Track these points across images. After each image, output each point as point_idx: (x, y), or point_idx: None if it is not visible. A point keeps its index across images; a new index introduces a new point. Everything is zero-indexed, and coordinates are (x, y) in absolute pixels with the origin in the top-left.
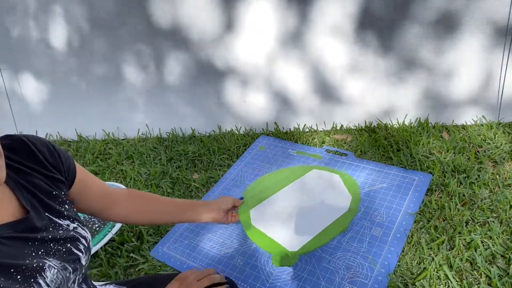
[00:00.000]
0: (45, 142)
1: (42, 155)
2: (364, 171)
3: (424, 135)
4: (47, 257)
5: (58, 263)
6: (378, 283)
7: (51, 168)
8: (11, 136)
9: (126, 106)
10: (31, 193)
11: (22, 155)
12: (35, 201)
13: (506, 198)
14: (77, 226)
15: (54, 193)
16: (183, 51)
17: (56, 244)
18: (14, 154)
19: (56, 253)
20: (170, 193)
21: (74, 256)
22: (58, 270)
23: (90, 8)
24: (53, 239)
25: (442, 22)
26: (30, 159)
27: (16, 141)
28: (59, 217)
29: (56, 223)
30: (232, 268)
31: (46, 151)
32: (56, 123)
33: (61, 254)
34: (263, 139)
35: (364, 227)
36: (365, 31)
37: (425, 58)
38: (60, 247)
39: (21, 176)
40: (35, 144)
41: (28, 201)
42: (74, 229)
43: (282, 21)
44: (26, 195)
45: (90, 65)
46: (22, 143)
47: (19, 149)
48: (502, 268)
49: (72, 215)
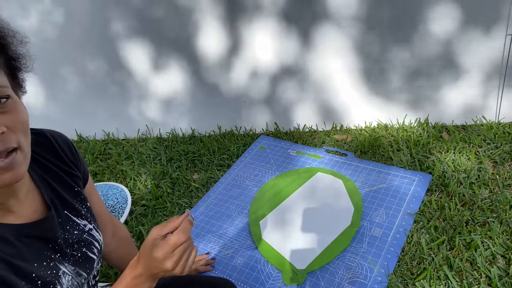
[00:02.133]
0: (66, 138)
1: (63, 152)
2: (364, 171)
3: (424, 135)
4: (62, 260)
5: (72, 269)
6: (378, 283)
7: (71, 165)
8: (34, 130)
9: (126, 106)
10: (53, 189)
11: (46, 150)
12: (55, 197)
13: (506, 198)
14: (93, 228)
15: (76, 189)
16: (185, 52)
17: (71, 249)
18: (40, 149)
19: (71, 258)
20: (170, 193)
21: (89, 260)
22: (72, 276)
23: (92, 7)
24: (69, 242)
25: (442, 24)
26: (53, 155)
27: (40, 136)
28: (77, 216)
29: (74, 222)
30: (232, 269)
31: (67, 148)
32: (56, 123)
33: (76, 259)
34: (263, 139)
35: (364, 227)
36: (365, 33)
37: (425, 58)
38: (75, 252)
39: (46, 171)
40: (57, 141)
41: (49, 196)
42: (89, 230)
43: (283, 18)
44: (49, 192)
45: (90, 65)
46: (46, 139)
47: (43, 144)
48: (502, 268)
49: (89, 216)
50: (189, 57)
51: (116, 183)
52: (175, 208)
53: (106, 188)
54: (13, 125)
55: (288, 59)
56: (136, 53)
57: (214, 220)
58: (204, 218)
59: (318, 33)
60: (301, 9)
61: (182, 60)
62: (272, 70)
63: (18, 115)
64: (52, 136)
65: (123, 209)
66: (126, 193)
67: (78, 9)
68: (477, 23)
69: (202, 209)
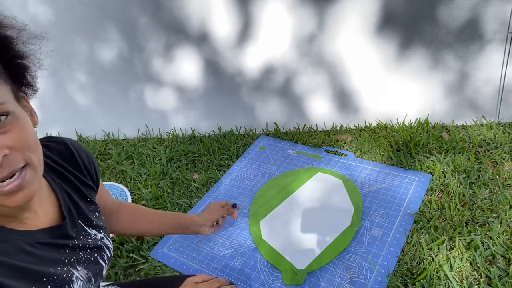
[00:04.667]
0: (84, 149)
1: (82, 162)
2: (364, 171)
3: (424, 135)
4: (76, 265)
5: (85, 273)
6: (378, 283)
7: (87, 174)
8: (55, 139)
9: (126, 106)
10: (71, 199)
11: (66, 159)
12: (73, 207)
13: (506, 198)
14: (104, 236)
15: (89, 199)
16: (187, 52)
17: (85, 253)
18: (60, 159)
19: (85, 262)
20: (170, 193)
21: (99, 266)
22: (83, 282)
23: (96, 7)
24: (83, 247)
25: (442, 26)
26: (72, 164)
27: (61, 144)
28: (89, 226)
29: (86, 232)
30: (231, 268)
31: (85, 158)
32: (56, 123)
33: (89, 263)
34: (263, 139)
35: (363, 227)
36: (366, 34)
37: (425, 59)
38: (88, 256)
39: (65, 181)
40: (78, 150)
41: (66, 206)
42: (101, 239)
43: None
44: (66, 201)
45: (90, 65)
46: (66, 148)
47: (64, 154)
48: (502, 268)
49: (100, 225)
50: (189, 57)
51: (116, 183)
52: (175, 208)
53: (106, 188)
54: (17, 144)
55: (288, 61)
56: (136, 54)
57: None
58: None
59: (318, 32)
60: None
61: (182, 61)
62: (272, 71)
63: (22, 131)
64: (72, 145)
65: None
66: (126, 193)
67: (77, 8)
68: (477, 22)
69: (202, 209)
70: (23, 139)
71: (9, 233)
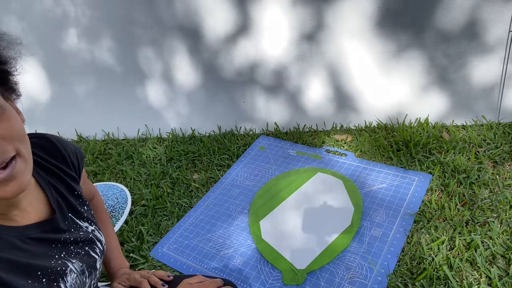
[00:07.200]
0: (69, 143)
1: (67, 154)
2: (364, 171)
3: (424, 135)
4: (69, 258)
5: (80, 265)
6: (378, 283)
7: (72, 167)
8: (35, 134)
9: (126, 106)
10: (59, 193)
11: (51, 154)
12: (62, 201)
13: (506, 198)
14: (95, 229)
15: (76, 192)
16: (187, 52)
17: (76, 247)
18: (44, 153)
19: (76, 256)
20: (170, 193)
21: (92, 259)
22: (77, 274)
23: (95, 8)
24: (74, 241)
25: (442, 26)
26: (58, 159)
27: (43, 139)
28: (80, 218)
29: (77, 225)
30: (231, 268)
31: (70, 151)
32: (56, 123)
33: (81, 256)
34: (263, 139)
35: (363, 227)
36: (366, 34)
37: (425, 58)
38: (79, 250)
39: (51, 175)
40: (61, 143)
41: (55, 201)
42: (92, 231)
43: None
44: (54, 195)
45: (90, 65)
46: (49, 142)
47: (48, 148)
48: (502, 268)
49: (90, 217)
50: (189, 57)
51: (116, 183)
52: (175, 208)
53: (106, 188)
54: (6, 134)
55: (288, 61)
56: (136, 53)
57: (214, 220)
58: (204, 218)
59: (318, 32)
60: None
61: (182, 61)
62: (273, 71)
63: (12, 123)
64: (55, 139)
65: (123, 209)
66: (126, 193)
67: (77, 9)
68: (477, 22)
69: (202, 209)
70: (14, 129)
71: (0, 229)
